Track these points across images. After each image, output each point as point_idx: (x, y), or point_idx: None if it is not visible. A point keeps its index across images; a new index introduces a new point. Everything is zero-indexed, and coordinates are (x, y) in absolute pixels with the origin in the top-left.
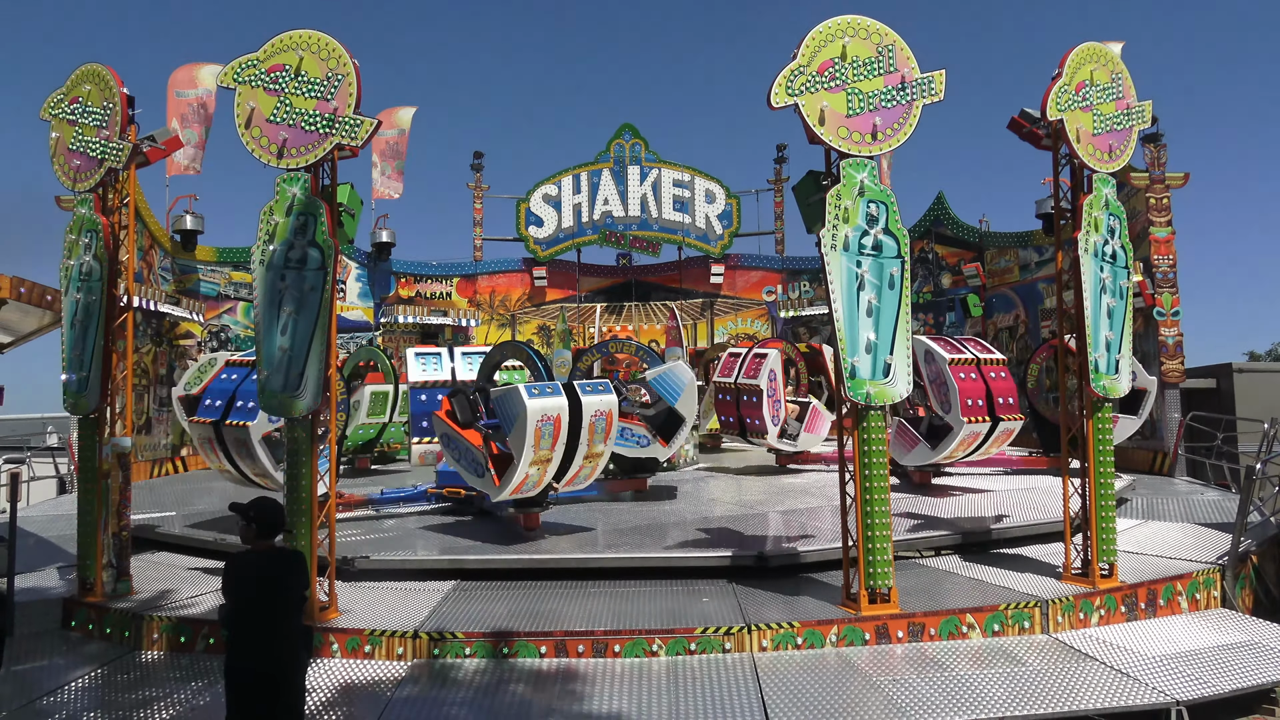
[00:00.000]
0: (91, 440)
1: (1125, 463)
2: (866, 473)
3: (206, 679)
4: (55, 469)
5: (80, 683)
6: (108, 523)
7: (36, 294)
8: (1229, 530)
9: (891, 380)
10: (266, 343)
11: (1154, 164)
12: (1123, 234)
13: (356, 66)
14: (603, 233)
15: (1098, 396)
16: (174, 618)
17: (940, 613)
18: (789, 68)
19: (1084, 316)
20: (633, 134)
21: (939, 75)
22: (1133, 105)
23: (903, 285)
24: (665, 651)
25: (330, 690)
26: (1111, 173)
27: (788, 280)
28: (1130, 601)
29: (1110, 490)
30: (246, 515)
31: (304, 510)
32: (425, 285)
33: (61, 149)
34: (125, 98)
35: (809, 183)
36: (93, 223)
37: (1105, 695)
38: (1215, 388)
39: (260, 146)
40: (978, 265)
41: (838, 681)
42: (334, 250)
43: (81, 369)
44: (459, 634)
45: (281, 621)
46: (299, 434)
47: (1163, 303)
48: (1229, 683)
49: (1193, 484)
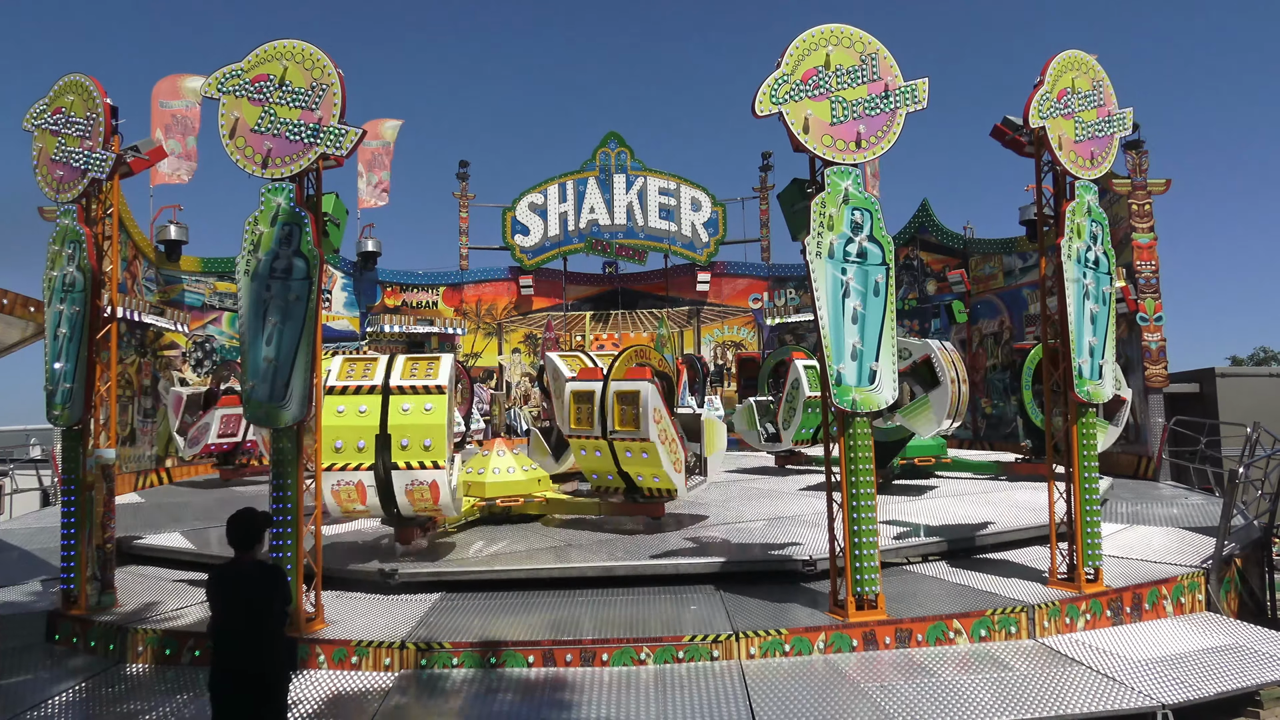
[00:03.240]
0: (75, 452)
1: (1110, 467)
2: (853, 479)
3: (192, 691)
4: (38, 481)
5: (64, 696)
6: (91, 535)
7: (19, 305)
8: (1213, 534)
9: (877, 387)
10: (252, 353)
11: (1136, 170)
12: (1105, 240)
13: (341, 76)
14: (589, 241)
15: (1081, 402)
16: (159, 630)
17: (927, 619)
18: (773, 76)
19: (1067, 322)
20: (618, 142)
21: (922, 83)
22: (1114, 112)
23: (888, 292)
24: (653, 660)
25: (317, 701)
26: (1093, 179)
27: (774, 288)
28: (1116, 606)
29: (1095, 495)
30: (227, 527)
31: (291, 521)
32: (411, 294)
33: (44, 159)
34: (109, 108)
35: (794, 190)
36: (76, 233)
37: (1091, 699)
38: (1198, 392)
39: (245, 156)
40: (962, 272)
41: (825, 688)
42: (319, 260)
43: (65, 380)
44: (446, 644)
45: (263, 632)
46: (284, 445)
47: (1145, 308)
48: (1214, 686)
49: (1177, 488)
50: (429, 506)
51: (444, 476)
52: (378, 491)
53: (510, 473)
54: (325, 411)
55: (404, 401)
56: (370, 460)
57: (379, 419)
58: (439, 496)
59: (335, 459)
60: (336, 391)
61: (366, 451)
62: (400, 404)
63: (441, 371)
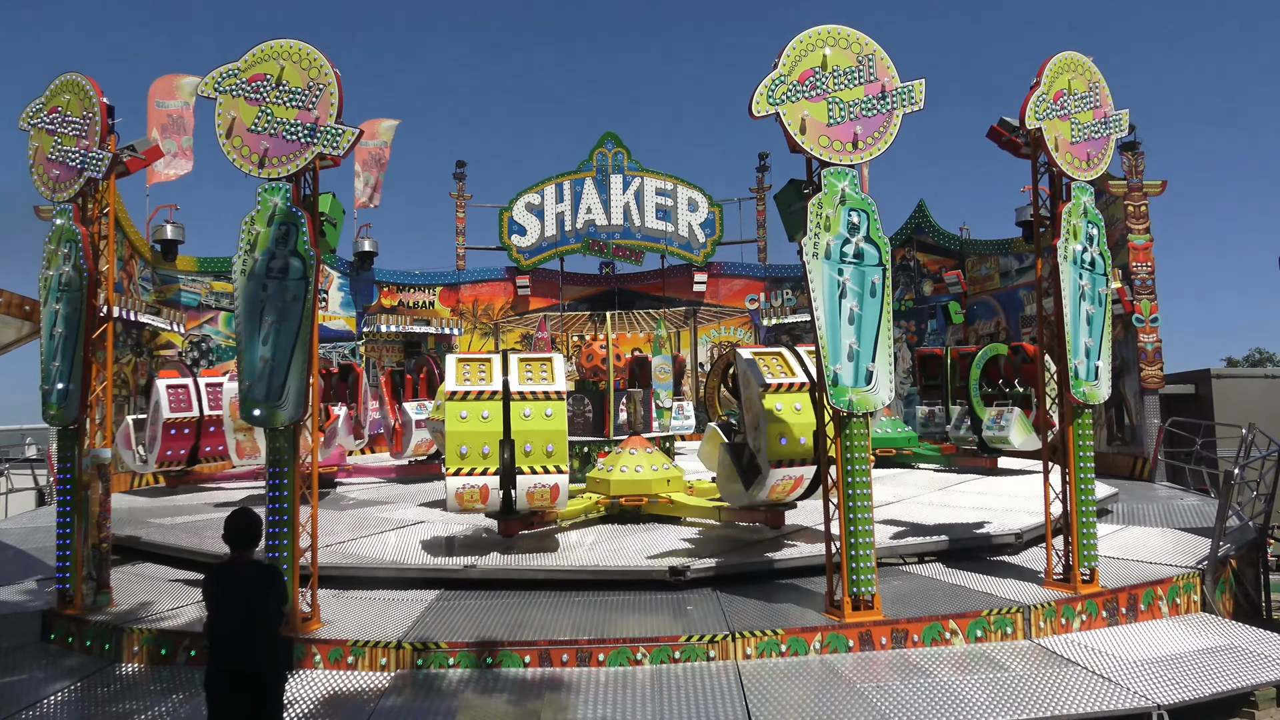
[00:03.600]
0: (71, 451)
1: (1106, 468)
2: (849, 479)
3: (187, 691)
4: (34, 481)
5: (59, 696)
6: (87, 534)
7: (15, 304)
8: (1208, 535)
9: (874, 387)
10: (248, 353)
11: (1132, 172)
12: (1101, 241)
13: (338, 76)
14: (586, 241)
15: (1077, 403)
16: (154, 630)
17: (923, 619)
18: (770, 77)
19: (1063, 323)
20: (615, 143)
21: (918, 84)
22: (1110, 114)
23: (884, 293)
24: (649, 660)
25: (313, 701)
26: (1090, 181)
27: (770, 288)
28: (1111, 606)
29: (1091, 496)
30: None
31: (287, 521)
32: (408, 294)
33: (40, 158)
34: (105, 107)
35: (791, 191)
36: (72, 233)
37: (1087, 700)
38: (1194, 393)
39: (241, 156)
40: (959, 272)
41: (822, 688)
42: (316, 260)
43: (61, 380)
44: (443, 644)
45: (259, 632)
46: (280, 444)
47: (1141, 309)
48: (1209, 686)
49: (1172, 489)
50: (545, 505)
51: (564, 480)
52: (501, 494)
53: (638, 471)
54: (449, 417)
55: (525, 407)
56: (495, 465)
57: (501, 425)
58: (558, 497)
59: (461, 464)
60: (458, 397)
61: (491, 457)
62: (521, 409)
63: (557, 376)
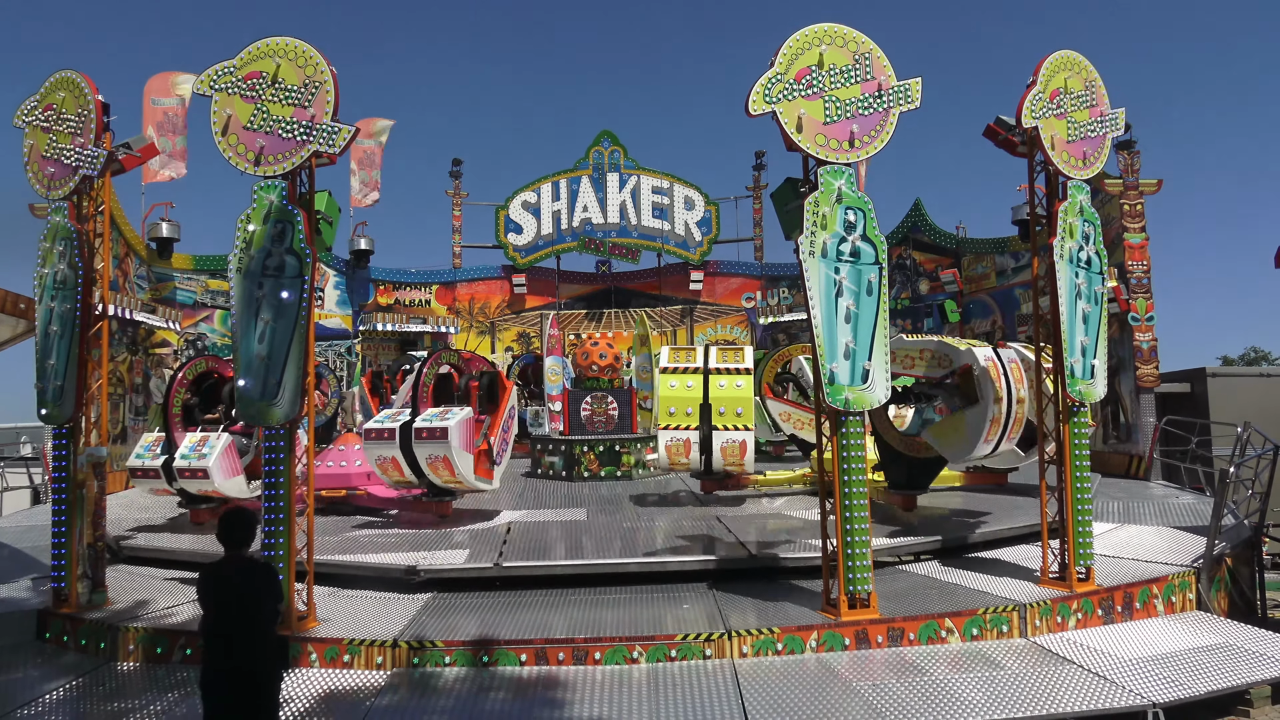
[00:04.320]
0: (66, 450)
1: (1101, 467)
2: (846, 478)
3: (183, 689)
4: (29, 479)
5: (55, 695)
6: (83, 533)
7: (10, 302)
8: (1204, 533)
9: (870, 386)
10: (244, 350)
11: (1127, 170)
12: (1097, 240)
13: (334, 74)
14: (582, 240)
15: (1073, 402)
16: (150, 628)
17: (919, 617)
18: (767, 75)
19: (1059, 322)
20: (612, 141)
21: (915, 83)
22: (1106, 113)
23: (880, 291)
24: (645, 658)
25: (309, 700)
26: (1086, 179)
27: (767, 287)
28: (1107, 605)
29: (1087, 494)
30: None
31: (283, 519)
32: (404, 293)
33: (35, 156)
34: (100, 105)
35: (787, 190)
36: (67, 231)
37: (1083, 698)
38: (1189, 392)
39: (237, 154)
40: (955, 271)
41: (818, 687)
42: (312, 258)
43: (56, 378)
44: (439, 642)
45: (255, 631)
46: (277, 442)
47: (1137, 308)
48: (1204, 684)
49: (1168, 488)
50: (736, 461)
51: (751, 438)
52: (700, 448)
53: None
54: (660, 385)
55: (720, 380)
56: (695, 423)
57: (701, 392)
58: (745, 453)
59: (669, 421)
60: (669, 371)
61: (693, 416)
62: (718, 381)
63: (747, 358)
